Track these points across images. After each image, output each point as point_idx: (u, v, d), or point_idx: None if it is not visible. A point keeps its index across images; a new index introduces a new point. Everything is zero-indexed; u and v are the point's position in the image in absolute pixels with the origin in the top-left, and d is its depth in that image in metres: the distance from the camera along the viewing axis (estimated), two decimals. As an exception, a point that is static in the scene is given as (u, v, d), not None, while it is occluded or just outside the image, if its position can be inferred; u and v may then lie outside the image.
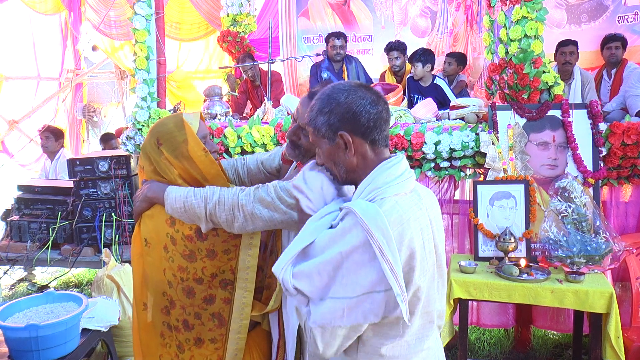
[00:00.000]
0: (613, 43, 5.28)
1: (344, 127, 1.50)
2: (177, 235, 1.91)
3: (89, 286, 5.49)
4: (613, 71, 5.34)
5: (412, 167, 3.95)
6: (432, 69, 5.24)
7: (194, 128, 1.99)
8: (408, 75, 5.50)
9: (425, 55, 5.18)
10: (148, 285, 2.00)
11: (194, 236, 1.91)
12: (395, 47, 5.73)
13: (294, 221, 1.85)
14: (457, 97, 5.15)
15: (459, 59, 5.94)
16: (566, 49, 5.15)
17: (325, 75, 5.73)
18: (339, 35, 5.84)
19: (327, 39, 5.89)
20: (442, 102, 4.86)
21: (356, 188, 1.59)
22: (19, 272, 4.81)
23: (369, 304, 1.41)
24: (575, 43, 5.18)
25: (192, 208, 1.87)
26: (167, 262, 1.94)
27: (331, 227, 1.52)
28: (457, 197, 4.11)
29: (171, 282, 1.94)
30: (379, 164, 1.53)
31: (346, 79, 5.72)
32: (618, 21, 5.96)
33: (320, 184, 1.61)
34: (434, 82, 5.21)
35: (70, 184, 4.11)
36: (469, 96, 5.68)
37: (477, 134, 3.75)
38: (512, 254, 3.36)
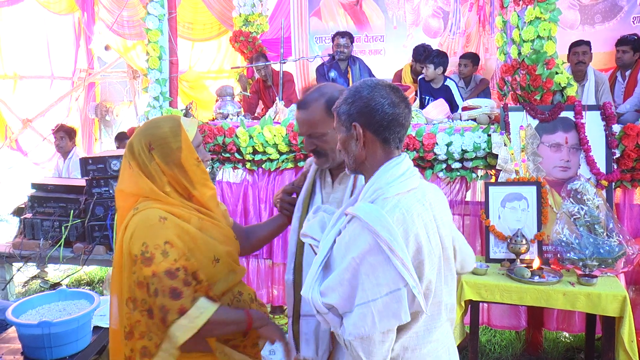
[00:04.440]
0: (621, 47, 5.24)
1: (359, 120, 1.58)
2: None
3: (101, 284, 5.53)
4: (627, 72, 5.29)
5: (423, 168, 3.95)
6: (444, 71, 5.22)
7: (190, 135, 1.89)
8: (420, 77, 5.49)
9: (438, 58, 5.15)
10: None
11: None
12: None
13: None
14: (479, 97, 5.13)
15: (474, 60, 5.92)
16: (579, 49, 5.11)
17: (332, 74, 5.73)
18: (344, 34, 5.81)
19: (333, 39, 5.87)
20: (450, 104, 4.84)
21: (365, 181, 1.65)
22: (31, 269, 4.85)
23: (395, 303, 1.43)
24: (588, 43, 5.13)
25: None
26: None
27: (339, 233, 1.58)
28: (468, 198, 4.09)
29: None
30: (385, 162, 1.59)
31: (351, 79, 5.72)
32: (633, 22, 5.90)
33: (318, 224, 1.68)
34: (445, 83, 5.19)
35: (82, 182, 4.14)
36: (491, 95, 5.66)
37: (489, 135, 3.73)
38: (523, 256, 3.33)
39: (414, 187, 1.57)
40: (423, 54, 5.64)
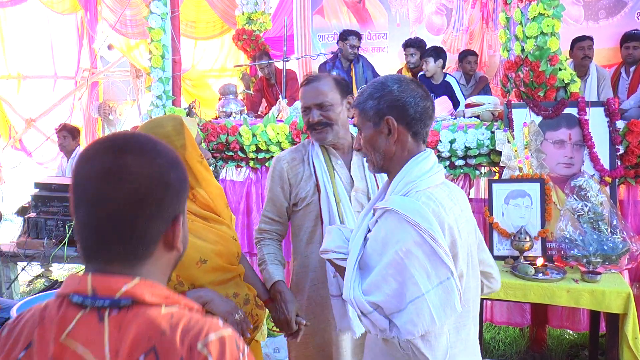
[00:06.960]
0: (631, 42, 5.19)
1: (391, 114, 1.55)
2: None
3: (105, 283, 5.53)
4: (632, 69, 5.26)
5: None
6: (443, 65, 5.20)
7: (192, 133, 1.90)
8: (420, 74, 5.47)
9: (436, 51, 5.14)
10: None
11: None
12: (411, 44, 5.69)
13: None
14: (480, 94, 5.12)
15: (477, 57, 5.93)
16: (584, 44, 5.07)
17: (335, 73, 5.69)
18: (359, 35, 5.74)
19: (344, 37, 5.66)
20: (451, 100, 4.83)
21: (389, 178, 1.64)
22: (36, 268, 4.88)
23: (448, 294, 1.41)
24: (591, 38, 5.10)
25: None
26: None
27: (369, 230, 1.55)
28: (472, 195, 4.08)
29: None
30: (412, 157, 1.57)
31: (354, 76, 5.68)
32: (637, 17, 5.88)
33: (334, 235, 1.66)
34: (445, 79, 5.18)
35: (86, 181, 4.14)
36: (491, 92, 5.64)
37: (493, 132, 3.72)
38: (527, 253, 3.33)
39: (440, 182, 1.58)
40: (408, 42, 5.73)
